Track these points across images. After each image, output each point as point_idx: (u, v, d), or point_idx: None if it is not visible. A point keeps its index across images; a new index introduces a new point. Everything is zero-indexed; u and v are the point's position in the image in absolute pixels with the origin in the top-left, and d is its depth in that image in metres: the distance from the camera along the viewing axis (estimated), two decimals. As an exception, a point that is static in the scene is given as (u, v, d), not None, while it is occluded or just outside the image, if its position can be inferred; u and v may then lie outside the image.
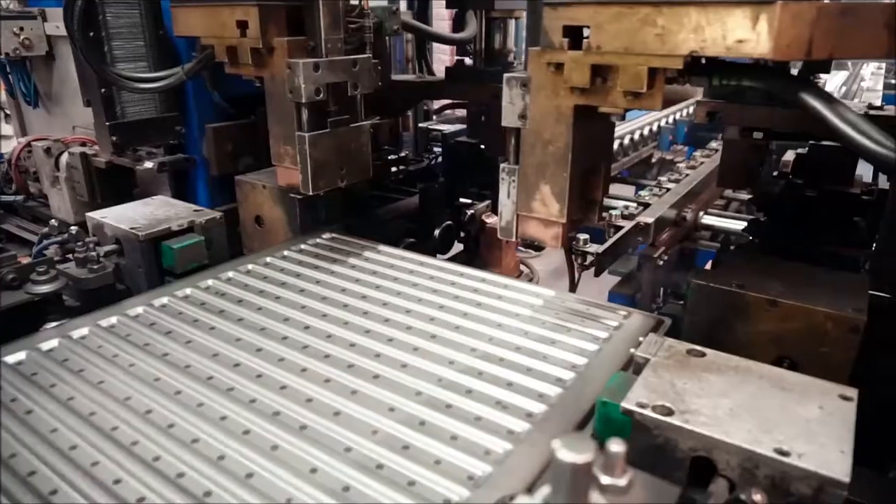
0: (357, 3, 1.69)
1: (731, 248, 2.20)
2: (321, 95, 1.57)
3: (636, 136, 4.61)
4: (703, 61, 1.06)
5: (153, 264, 1.69)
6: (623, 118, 1.22)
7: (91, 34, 1.97)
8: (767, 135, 1.77)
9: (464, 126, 3.25)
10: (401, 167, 3.02)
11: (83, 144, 2.45)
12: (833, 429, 0.89)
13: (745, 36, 0.94)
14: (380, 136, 2.85)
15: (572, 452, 0.58)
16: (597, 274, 2.34)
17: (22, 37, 2.49)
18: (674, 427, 0.91)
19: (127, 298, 1.56)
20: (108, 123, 2.06)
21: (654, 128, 4.93)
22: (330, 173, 1.67)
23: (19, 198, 2.82)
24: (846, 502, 1.22)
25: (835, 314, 1.21)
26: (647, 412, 0.93)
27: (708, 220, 2.64)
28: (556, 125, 1.19)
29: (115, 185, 2.35)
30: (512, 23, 2.66)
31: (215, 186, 2.40)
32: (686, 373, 1.02)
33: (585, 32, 1.07)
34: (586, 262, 2.17)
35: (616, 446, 0.64)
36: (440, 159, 3.17)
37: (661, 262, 2.57)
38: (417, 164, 3.34)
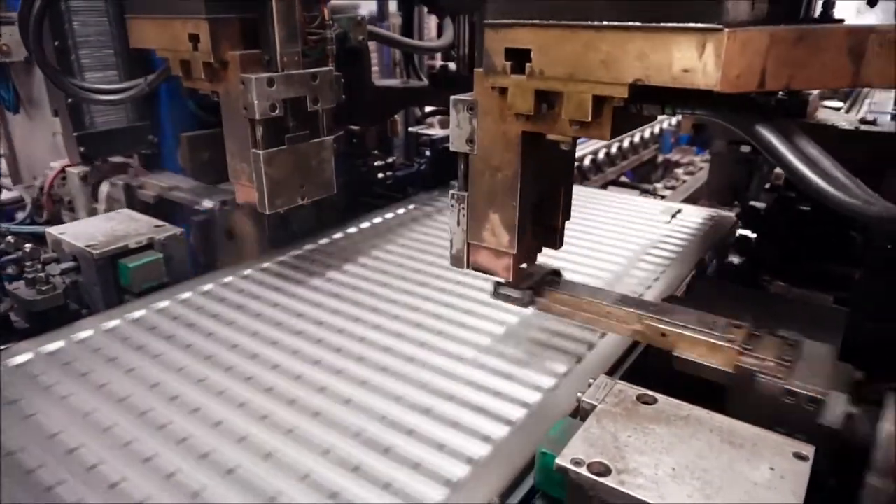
0: (317, 13, 1.61)
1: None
2: (277, 111, 1.50)
3: (636, 139, 4.52)
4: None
5: (110, 282, 1.64)
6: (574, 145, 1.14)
7: (56, 43, 1.93)
8: (756, 147, 1.69)
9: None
10: (388, 173, 2.95)
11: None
12: (781, 495, 0.82)
13: (691, 65, 0.85)
14: (367, 141, 2.79)
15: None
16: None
17: (0, 42, 2.46)
18: (608, 489, 0.84)
19: (78, 320, 1.52)
20: (75, 134, 2.02)
21: (657, 130, 4.83)
22: (288, 191, 1.60)
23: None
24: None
25: (804, 355, 1.13)
26: (582, 471, 0.86)
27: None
28: (505, 152, 1.11)
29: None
30: (497, 27, 2.57)
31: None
32: (632, 424, 0.95)
33: (530, 55, 1.00)
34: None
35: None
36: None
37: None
38: (407, 169, 3.27)
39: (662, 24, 0.86)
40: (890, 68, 0.87)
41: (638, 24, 0.88)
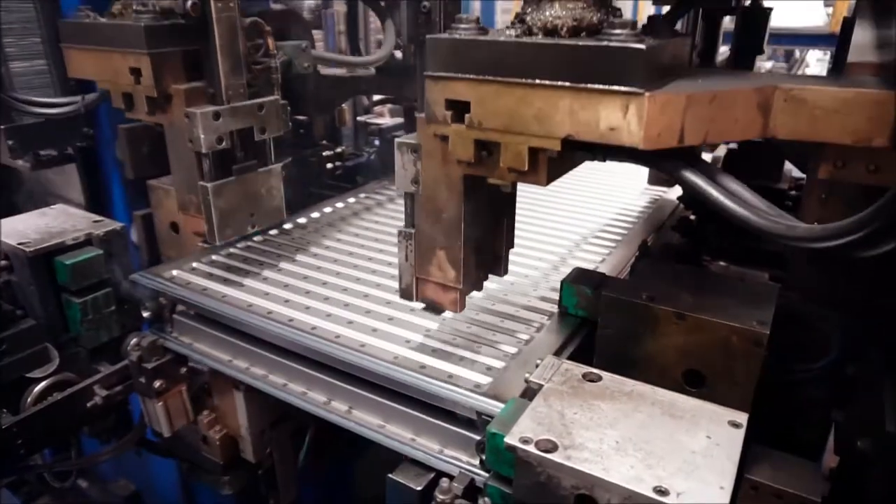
0: (262, 42, 1.59)
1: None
2: (224, 144, 1.49)
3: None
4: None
5: (46, 281, 1.58)
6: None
7: (-22, 31, 1.83)
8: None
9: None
10: (337, 163, 2.92)
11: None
12: (717, 461, 0.86)
13: (617, 124, 0.90)
14: (315, 132, 2.76)
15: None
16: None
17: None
18: (555, 464, 0.87)
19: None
20: (2, 127, 1.93)
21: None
22: (238, 221, 1.60)
23: None
24: (770, 491, 1.21)
25: (738, 327, 1.19)
26: (530, 448, 0.89)
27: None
28: (448, 193, 1.15)
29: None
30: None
31: (133, 190, 2.28)
32: (578, 401, 0.98)
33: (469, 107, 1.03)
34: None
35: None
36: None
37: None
38: (357, 158, 3.25)
39: (589, 86, 0.91)
40: (793, 121, 0.98)
41: (567, 84, 0.92)
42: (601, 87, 0.90)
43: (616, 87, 0.89)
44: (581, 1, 1.00)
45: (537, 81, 0.94)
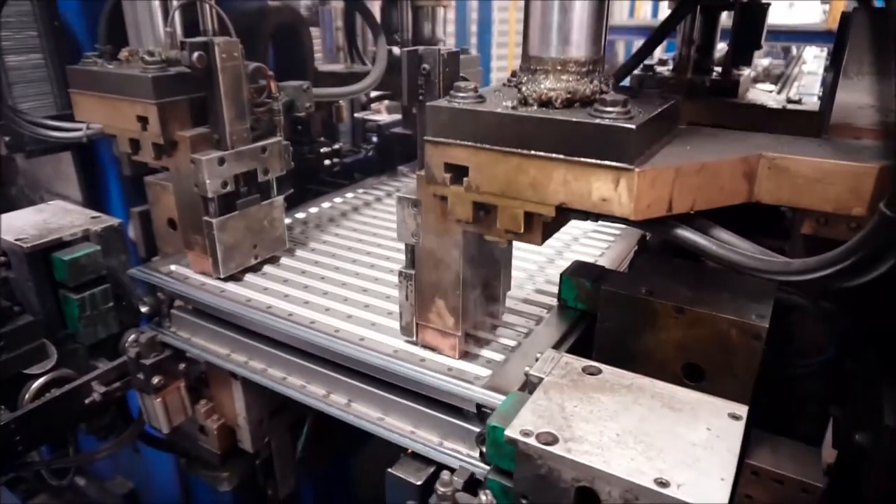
0: (264, 84, 1.60)
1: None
2: (228, 187, 1.51)
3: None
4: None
5: (43, 278, 1.57)
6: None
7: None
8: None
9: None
10: (335, 159, 2.92)
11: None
12: (717, 453, 0.86)
13: (608, 196, 0.94)
14: (312, 128, 2.76)
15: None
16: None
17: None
18: (556, 457, 0.87)
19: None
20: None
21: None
22: (241, 254, 1.61)
23: None
24: (771, 476, 1.22)
25: (738, 321, 1.19)
26: (531, 441, 0.89)
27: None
28: (447, 247, 1.17)
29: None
30: (440, 10, 2.57)
31: (131, 186, 2.27)
32: (578, 393, 0.98)
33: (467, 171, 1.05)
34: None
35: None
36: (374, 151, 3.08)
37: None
38: (354, 155, 3.25)
39: (582, 159, 0.95)
40: (777, 188, 1.03)
41: (561, 156, 0.96)
42: (593, 161, 0.93)
43: (607, 163, 0.92)
44: (574, 73, 1.03)
45: (532, 152, 0.97)
